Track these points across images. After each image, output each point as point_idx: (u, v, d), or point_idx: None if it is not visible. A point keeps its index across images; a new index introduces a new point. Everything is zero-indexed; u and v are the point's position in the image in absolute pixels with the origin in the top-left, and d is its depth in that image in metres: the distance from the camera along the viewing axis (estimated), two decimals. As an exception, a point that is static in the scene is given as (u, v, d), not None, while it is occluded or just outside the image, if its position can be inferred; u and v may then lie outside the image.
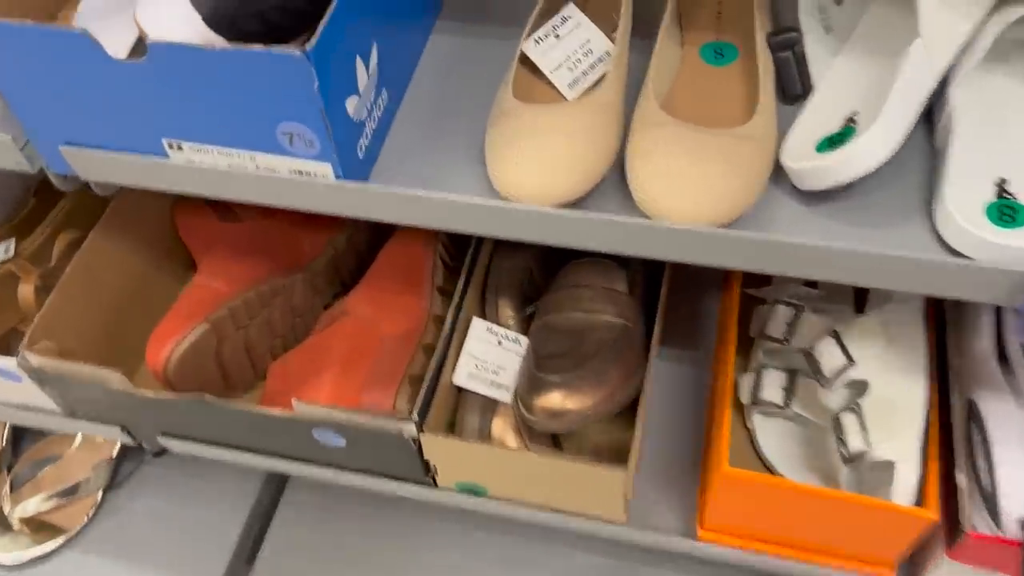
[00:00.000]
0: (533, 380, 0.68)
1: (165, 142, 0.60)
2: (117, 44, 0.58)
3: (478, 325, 0.75)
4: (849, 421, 0.66)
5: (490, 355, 0.75)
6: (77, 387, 0.76)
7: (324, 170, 0.59)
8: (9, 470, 1.10)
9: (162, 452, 0.87)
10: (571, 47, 0.65)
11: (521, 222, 0.58)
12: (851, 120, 0.59)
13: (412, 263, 0.84)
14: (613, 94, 0.61)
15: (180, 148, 0.60)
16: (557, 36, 0.65)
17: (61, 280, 0.78)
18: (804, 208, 0.58)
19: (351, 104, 0.58)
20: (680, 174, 0.55)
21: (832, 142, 0.58)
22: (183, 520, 1.05)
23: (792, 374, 0.75)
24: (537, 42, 0.65)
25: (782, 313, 0.77)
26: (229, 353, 0.79)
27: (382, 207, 0.60)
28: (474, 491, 0.73)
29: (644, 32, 0.66)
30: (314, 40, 0.51)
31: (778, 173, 0.58)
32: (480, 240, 0.84)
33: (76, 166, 0.65)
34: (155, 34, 0.55)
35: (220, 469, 1.02)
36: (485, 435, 0.73)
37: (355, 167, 0.60)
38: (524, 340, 0.76)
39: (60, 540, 1.04)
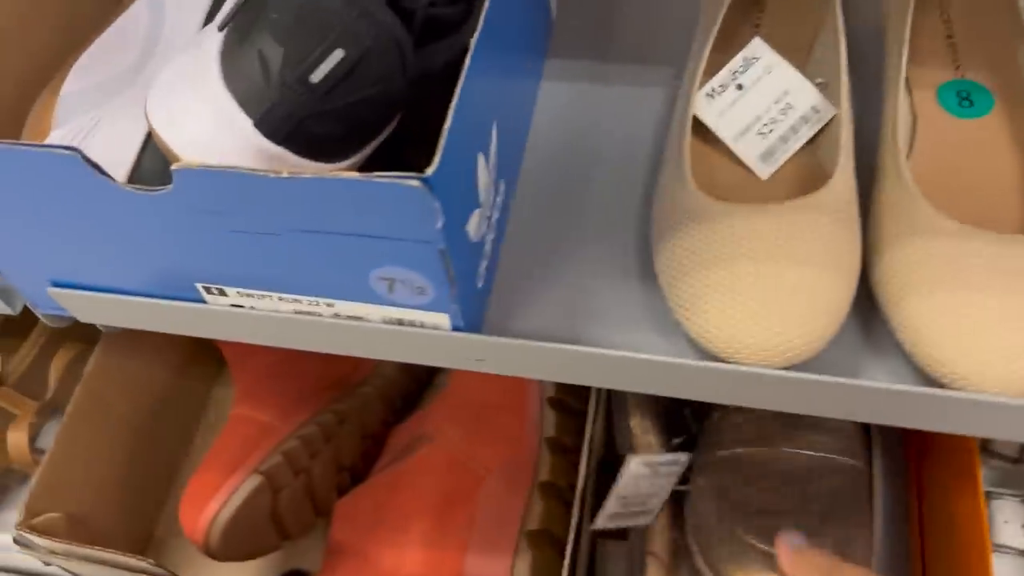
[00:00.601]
0: (739, 547, 0.50)
1: (200, 287, 0.41)
2: (115, 149, 0.40)
3: (635, 466, 0.56)
4: None
5: (643, 488, 0.56)
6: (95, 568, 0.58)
7: (437, 320, 0.40)
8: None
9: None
10: (763, 103, 0.46)
11: (735, 388, 0.39)
12: None
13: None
14: (845, 181, 0.42)
15: (222, 293, 0.41)
16: (739, 86, 0.46)
17: (62, 425, 0.59)
18: None
19: (472, 223, 0.39)
20: (993, 317, 0.36)
21: None
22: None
23: (1034, 505, 0.57)
24: (711, 95, 0.46)
25: (1011, 420, 0.59)
26: (287, 504, 0.61)
27: (518, 363, 0.42)
28: None
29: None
30: (436, 160, 0.32)
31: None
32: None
33: (71, 309, 0.46)
34: (180, 145, 0.35)
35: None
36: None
37: (474, 305, 0.41)
38: (683, 457, 0.57)
39: None
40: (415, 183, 0.31)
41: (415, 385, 0.71)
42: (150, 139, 0.42)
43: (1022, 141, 0.44)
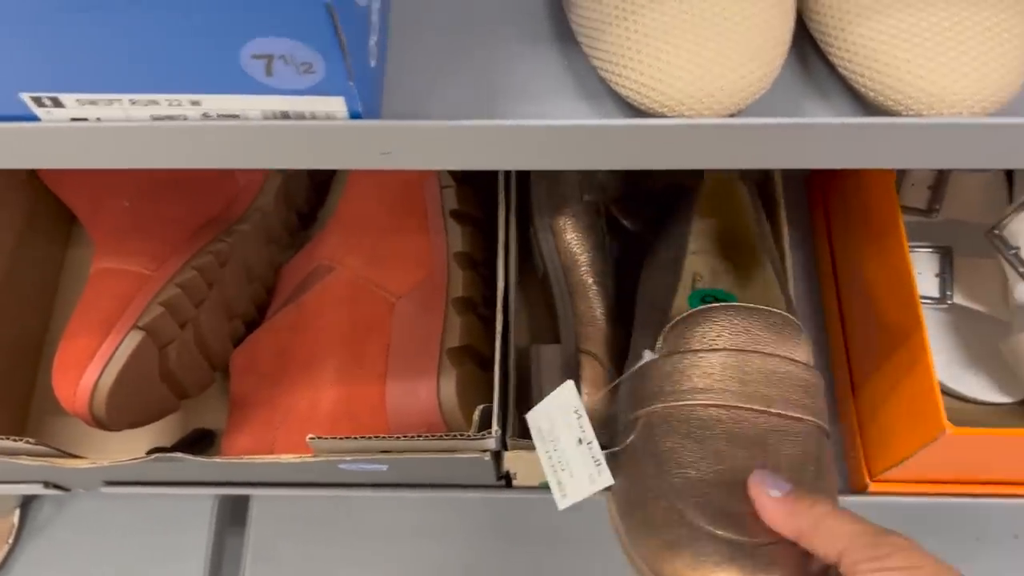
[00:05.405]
0: (700, 540, 0.40)
1: (28, 98, 0.33)
2: None
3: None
4: (1071, 323, 0.50)
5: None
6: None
7: (330, 107, 0.34)
8: None
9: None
10: None
11: (675, 146, 0.35)
12: None
13: (403, 182, 0.59)
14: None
15: (58, 103, 0.33)
16: None
17: None
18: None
19: (358, -19, 0.32)
20: (948, 37, 0.33)
21: None
22: (138, 511, 0.81)
23: (946, 254, 0.58)
24: None
25: (918, 174, 0.58)
26: (177, 360, 0.54)
27: (432, 151, 0.36)
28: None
29: None
30: None
31: None
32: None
33: None
34: None
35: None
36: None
37: (370, 88, 0.35)
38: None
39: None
40: (290, -95, 0.25)
41: (295, 217, 0.64)
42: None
43: None
